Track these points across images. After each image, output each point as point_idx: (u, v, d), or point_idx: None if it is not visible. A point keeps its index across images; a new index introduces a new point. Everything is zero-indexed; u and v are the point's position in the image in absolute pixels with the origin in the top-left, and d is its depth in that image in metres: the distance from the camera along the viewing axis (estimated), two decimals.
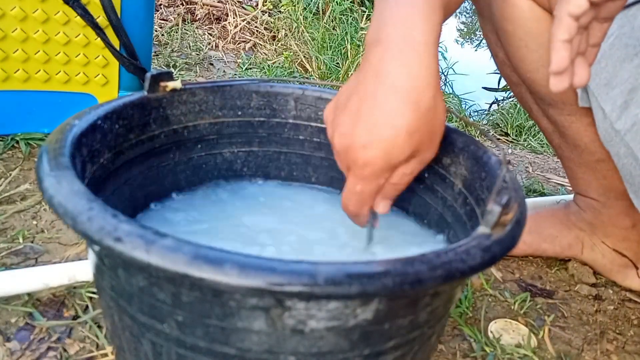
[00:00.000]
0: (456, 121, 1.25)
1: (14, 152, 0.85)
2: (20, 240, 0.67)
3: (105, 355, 0.54)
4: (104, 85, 0.87)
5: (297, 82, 0.60)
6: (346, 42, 1.53)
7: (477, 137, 1.23)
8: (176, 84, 0.53)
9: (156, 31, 1.46)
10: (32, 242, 0.68)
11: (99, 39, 0.82)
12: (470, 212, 0.47)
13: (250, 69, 1.46)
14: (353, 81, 0.41)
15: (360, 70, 0.41)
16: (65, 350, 0.54)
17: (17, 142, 0.85)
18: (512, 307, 0.69)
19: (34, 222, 0.71)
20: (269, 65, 1.47)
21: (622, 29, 0.49)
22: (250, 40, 1.58)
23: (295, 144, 0.60)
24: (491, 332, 0.64)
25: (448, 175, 0.51)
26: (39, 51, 0.81)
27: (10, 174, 0.79)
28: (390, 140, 0.38)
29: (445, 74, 1.73)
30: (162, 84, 0.52)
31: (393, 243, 0.52)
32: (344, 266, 0.30)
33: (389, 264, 0.31)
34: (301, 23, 1.63)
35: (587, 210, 0.73)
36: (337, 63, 1.49)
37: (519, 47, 0.63)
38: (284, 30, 1.63)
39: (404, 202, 0.57)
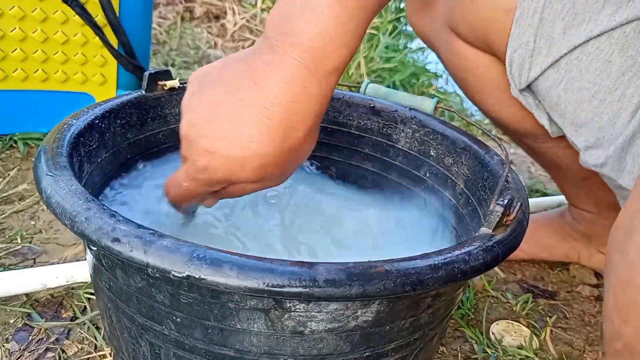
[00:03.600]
0: (458, 120, 1.24)
1: (12, 151, 0.84)
2: (19, 240, 0.67)
3: (104, 356, 0.53)
4: (102, 85, 0.87)
5: None
6: None
7: (479, 136, 1.23)
8: (174, 82, 0.52)
9: (154, 30, 1.46)
10: (30, 242, 0.67)
11: (97, 38, 0.81)
12: (472, 212, 0.47)
13: None
14: (233, 63, 0.35)
15: (247, 55, 0.35)
16: (63, 351, 0.54)
17: (15, 141, 0.85)
18: (514, 309, 0.68)
19: (32, 223, 0.71)
20: None
21: (570, 74, 0.48)
22: (250, 38, 1.58)
23: None
24: (493, 333, 0.63)
25: (450, 175, 0.51)
26: (37, 50, 0.80)
27: (9, 174, 0.79)
28: (238, 163, 0.34)
29: (447, 72, 1.73)
30: (160, 82, 0.52)
31: (392, 243, 0.52)
32: (345, 267, 0.29)
33: (390, 264, 0.30)
34: None
35: (580, 222, 0.73)
36: None
37: (474, 92, 0.62)
38: None
39: (404, 202, 0.57)
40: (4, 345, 0.53)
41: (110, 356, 0.53)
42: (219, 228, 0.48)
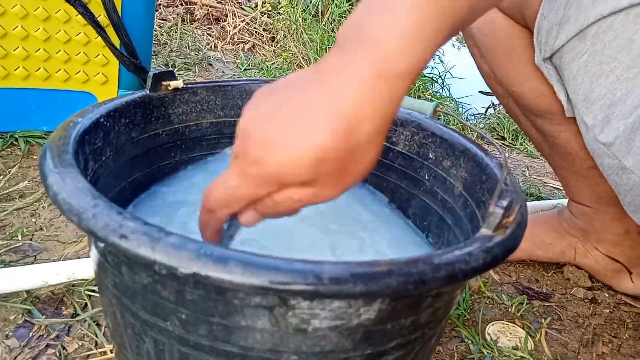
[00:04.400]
0: (454, 124, 1.25)
1: (12, 149, 0.85)
2: (19, 237, 0.67)
3: (104, 353, 0.54)
4: (103, 84, 0.87)
5: None
6: None
7: (476, 140, 1.24)
8: (178, 83, 0.53)
9: (155, 31, 1.46)
10: (30, 239, 0.67)
11: (99, 37, 0.82)
12: (471, 214, 0.47)
13: (249, 69, 1.46)
14: (303, 71, 0.35)
15: (318, 62, 0.34)
16: (64, 348, 0.54)
17: (16, 139, 0.85)
18: (509, 310, 0.69)
19: (33, 220, 0.71)
20: (267, 66, 1.47)
21: (594, 47, 0.50)
22: (249, 41, 1.58)
23: None
24: (488, 334, 0.64)
25: (448, 177, 0.52)
26: (39, 49, 0.81)
27: (9, 172, 0.79)
28: (292, 155, 0.32)
29: (443, 77, 1.74)
30: (164, 82, 0.52)
31: (392, 244, 0.52)
32: (349, 266, 0.30)
33: (393, 264, 0.31)
34: (300, 24, 1.63)
35: (579, 217, 0.74)
36: None
37: (501, 62, 0.64)
38: (282, 31, 1.63)
39: (403, 204, 0.57)
40: (4, 342, 0.53)
41: (111, 353, 0.54)
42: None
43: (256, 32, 1.61)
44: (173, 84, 0.53)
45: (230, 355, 0.35)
